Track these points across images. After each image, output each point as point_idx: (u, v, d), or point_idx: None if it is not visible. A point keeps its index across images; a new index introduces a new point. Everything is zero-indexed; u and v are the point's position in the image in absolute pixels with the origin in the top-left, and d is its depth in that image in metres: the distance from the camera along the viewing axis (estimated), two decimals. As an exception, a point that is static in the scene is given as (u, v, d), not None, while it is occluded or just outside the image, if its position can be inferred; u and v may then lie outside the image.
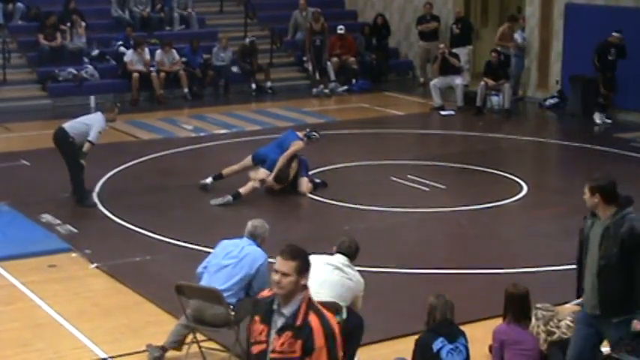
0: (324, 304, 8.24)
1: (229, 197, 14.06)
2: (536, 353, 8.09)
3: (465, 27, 23.17)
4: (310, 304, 5.51)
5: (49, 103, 21.46)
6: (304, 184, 14.62)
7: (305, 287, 5.52)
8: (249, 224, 9.08)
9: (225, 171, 14.80)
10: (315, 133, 14.90)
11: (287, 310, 5.50)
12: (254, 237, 8.99)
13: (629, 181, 15.42)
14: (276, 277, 5.47)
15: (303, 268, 5.49)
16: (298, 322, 5.45)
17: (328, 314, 5.56)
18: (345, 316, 8.31)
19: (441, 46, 21.69)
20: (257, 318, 5.62)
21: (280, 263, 5.48)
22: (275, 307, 5.54)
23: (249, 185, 14.29)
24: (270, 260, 9.20)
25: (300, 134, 14.73)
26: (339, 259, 8.50)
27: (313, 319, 5.46)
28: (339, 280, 8.37)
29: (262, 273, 8.81)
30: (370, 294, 8.88)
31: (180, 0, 24.56)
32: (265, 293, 5.69)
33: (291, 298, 5.49)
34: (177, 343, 9.00)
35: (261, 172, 14.45)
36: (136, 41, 22.13)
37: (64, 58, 22.13)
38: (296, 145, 14.53)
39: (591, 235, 7.33)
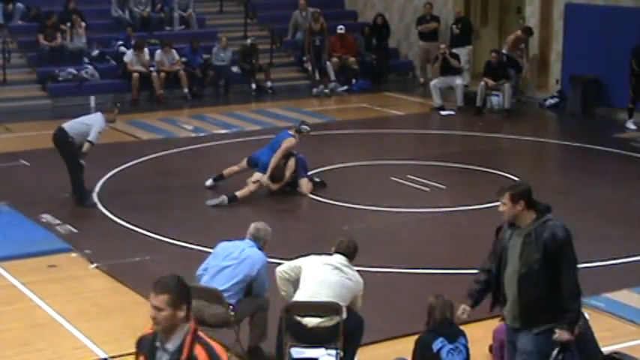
0: (322, 304, 8.29)
1: (225, 198, 14.04)
2: (536, 353, 8.08)
3: (465, 27, 23.17)
4: (196, 336, 5.20)
5: (49, 103, 21.47)
6: (304, 184, 14.60)
7: (187, 319, 5.21)
8: (252, 226, 9.10)
9: (226, 172, 14.80)
10: (305, 126, 14.73)
11: (170, 346, 5.20)
12: (256, 239, 9.00)
13: (629, 181, 15.51)
14: (151, 312, 5.19)
15: (178, 301, 5.15)
16: (183, 357, 5.15)
17: (215, 345, 5.23)
18: (344, 316, 8.32)
19: (442, 46, 21.69)
20: (142, 358, 5.34)
21: (152, 297, 5.18)
22: (158, 343, 5.25)
23: (246, 189, 14.27)
24: (270, 261, 9.23)
25: (290, 131, 14.68)
26: (338, 259, 8.50)
27: (199, 352, 5.15)
28: (338, 280, 8.37)
29: (262, 275, 8.82)
30: (370, 294, 8.88)
31: (182, 1, 24.55)
32: (147, 330, 5.36)
33: (172, 333, 5.19)
34: None
35: (256, 175, 14.44)
36: (136, 43, 22.11)
37: (64, 58, 22.13)
38: (287, 142, 14.46)
39: (510, 245, 7.16)
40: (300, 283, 8.49)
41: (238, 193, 14.13)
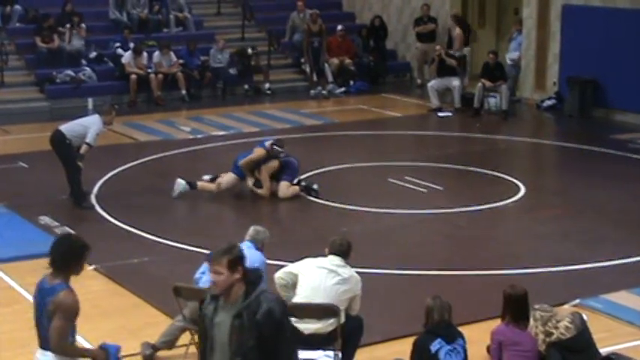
0: (321, 306, 8.29)
1: (183, 182, 14.35)
2: (535, 354, 8.10)
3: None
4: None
5: (46, 105, 21.45)
6: (283, 187, 14.41)
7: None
8: (251, 229, 9.15)
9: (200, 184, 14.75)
10: (278, 148, 14.46)
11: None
12: (255, 241, 9.04)
13: (626, 183, 15.52)
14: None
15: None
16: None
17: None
18: (343, 319, 8.31)
19: (437, 47, 21.72)
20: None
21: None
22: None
23: (209, 185, 14.41)
24: (269, 263, 9.24)
25: (267, 143, 14.55)
26: (333, 261, 8.48)
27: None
28: (333, 284, 8.34)
29: None
30: (368, 295, 8.88)
31: (175, 3, 24.50)
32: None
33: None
34: (169, 344, 9.02)
35: (227, 176, 14.44)
36: (135, 48, 22.11)
37: (62, 60, 22.13)
38: (255, 153, 14.41)
39: (216, 323, 5.76)
40: (297, 288, 8.49)
41: (199, 183, 14.40)
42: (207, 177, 14.75)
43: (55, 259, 6.86)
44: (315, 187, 14.60)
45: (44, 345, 6.65)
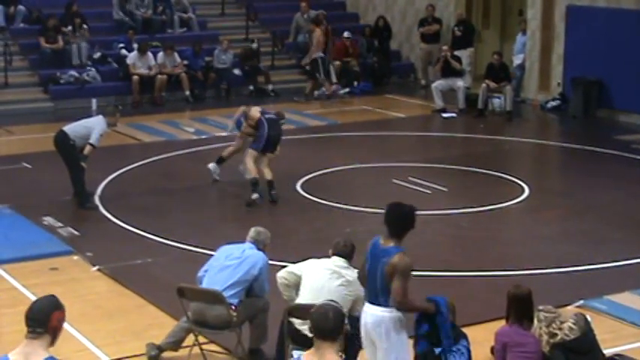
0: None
1: (213, 164, 15.03)
2: (539, 355, 8.08)
3: (467, 29, 23.16)
4: None
5: (50, 105, 21.47)
6: (247, 155, 14.51)
7: None
8: (252, 230, 9.16)
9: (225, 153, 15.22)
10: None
11: None
12: (257, 242, 9.05)
13: (630, 183, 15.50)
14: None
15: None
16: None
17: None
18: (346, 321, 8.29)
19: (444, 47, 21.68)
20: None
21: None
22: None
23: (230, 149, 15.18)
24: (273, 263, 9.23)
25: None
26: (336, 262, 8.48)
27: None
28: (337, 287, 8.34)
29: (263, 275, 8.86)
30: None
31: (179, 4, 24.51)
32: None
33: None
34: (175, 344, 9.01)
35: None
36: (140, 46, 22.10)
37: (66, 60, 22.14)
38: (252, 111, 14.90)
39: None
40: (300, 289, 8.49)
41: (224, 154, 15.06)
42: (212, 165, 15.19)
43: (391, 225, 7.77)
44: (254, 197, 14.16)
45: (373, 300, 7.46)
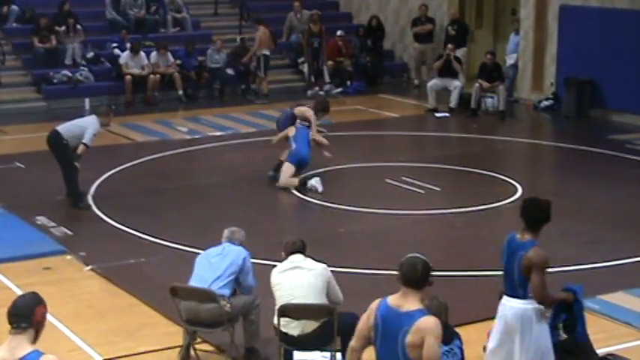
0: (315, 307, 8.28)
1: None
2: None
3: (461, 29, 23.15)
4: None
5: (43, 105, 21.45)
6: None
7: None
8: (227, 231, 9.30)
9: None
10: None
11: None
12: (232, 241, 9.16)
13: (623, 183, 15.52)
14: None
15: None
16: None
17: None
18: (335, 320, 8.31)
19: (450, 46, 21.46)
20: None
21: None
22: None
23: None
24: (265, 263, 9.23)
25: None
26: (293, 259, 8.59)
27: None
28: (303, 278, 8.42)
29: (247, 266, 8.96)
30: (364, 296, 8.82)
31: (172, 3, 24.48)
32: None
33: None
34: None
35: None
36: (133, 46, 22.07)
37: (59, 60, 22.11)
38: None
39: None
40: (275, 296, 8.54)
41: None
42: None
43: (527, 218, 7.69)
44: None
45: (512, 293, 7.66)
